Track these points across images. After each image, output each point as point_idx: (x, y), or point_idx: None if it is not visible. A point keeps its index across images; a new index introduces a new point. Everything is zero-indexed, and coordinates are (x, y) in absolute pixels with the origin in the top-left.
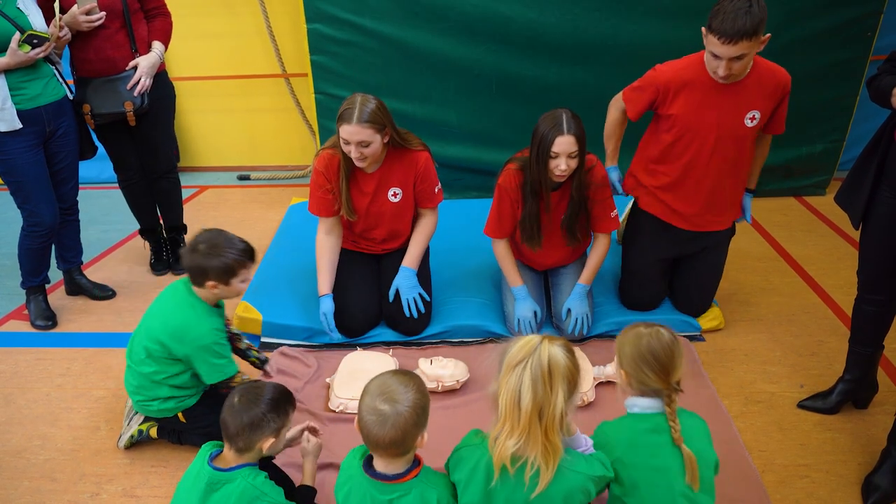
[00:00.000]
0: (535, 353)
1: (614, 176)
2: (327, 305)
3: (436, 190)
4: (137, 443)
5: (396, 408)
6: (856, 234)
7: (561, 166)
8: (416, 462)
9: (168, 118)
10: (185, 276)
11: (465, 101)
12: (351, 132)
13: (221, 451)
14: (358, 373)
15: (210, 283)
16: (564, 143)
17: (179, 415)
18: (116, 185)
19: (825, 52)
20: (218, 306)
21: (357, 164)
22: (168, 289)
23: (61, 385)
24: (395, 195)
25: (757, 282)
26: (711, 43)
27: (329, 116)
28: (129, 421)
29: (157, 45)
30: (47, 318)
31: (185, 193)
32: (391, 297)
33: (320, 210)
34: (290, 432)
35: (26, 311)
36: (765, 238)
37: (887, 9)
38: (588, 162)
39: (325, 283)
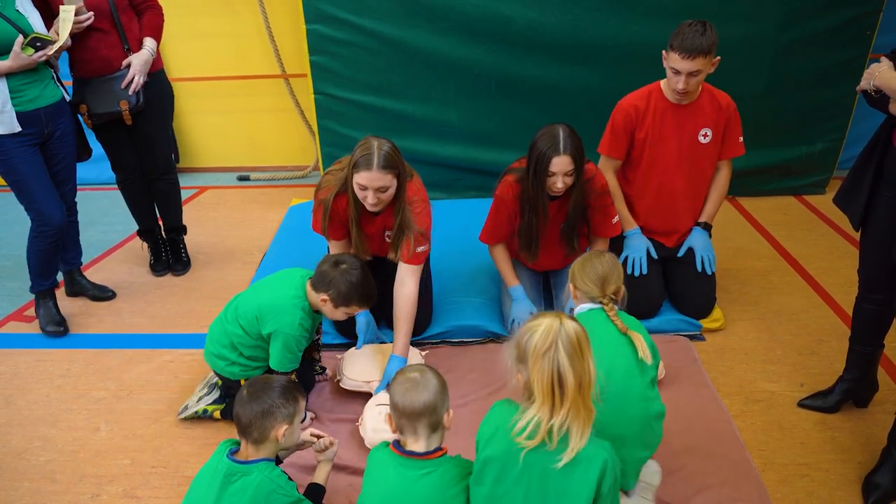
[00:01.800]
0: (560, 334)
1: (642, 244)
2: (362, 319)
3: (419, 249)
4: (138, 444)
5: (425, 376)
6: (856, 234)
7: (558, 184)
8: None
9: (165, 118)
10: (308, 272)
11: (465, 101)
12: (371, 178)
13: (239, 448)
14: (367, 355)
15: (324, 296)
16: (561, 164)
17: (242, 381)
18: (116, 185)
19: (825, 52)
20: (318, 312)
21: (371, 209)
22: (292, 271)
23: (61, 386)
24: (388, 237)
25: (757, 281)
26: (672, 60)
27: (328, 117)
28: (199, 399)
29: (148, 42)
30: (58, 324)
31: (185, 194)
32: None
33: (342, 235)
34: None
35: (34, 315)
36: (765, 237)
37: (886, 7)
38: (588, 172)
39: None
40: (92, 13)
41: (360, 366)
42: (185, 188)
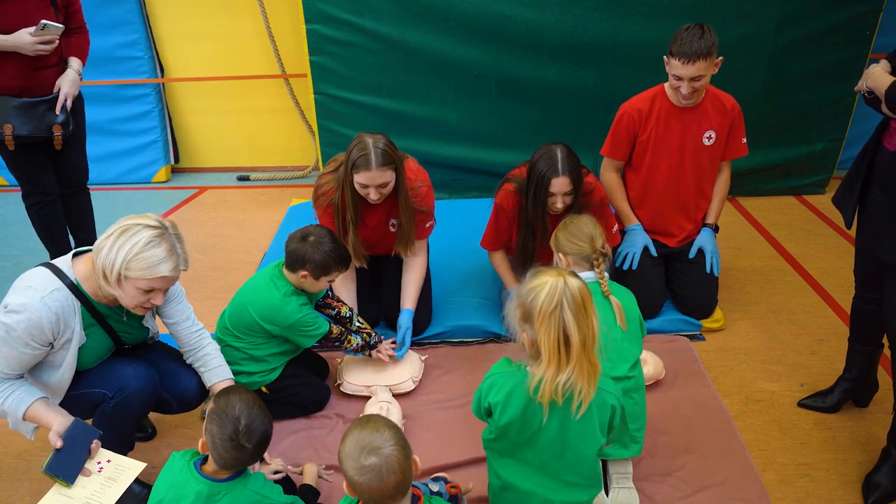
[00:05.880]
0: (565, 293)
1: (640, 240)
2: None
3: (427, 225)
4: (137, 445)
5: (383, 452)
6: (852, 232)
7: (557, 204)
8: (416, 498)
9: (84, 132)
10: (278, 262)
11: (465, 101)
12: (372, 177)
13: (204, 461)
14: (367, 360)
15: (303, 272)
16: (560, 185)
17: (263, 388)
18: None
19: (825, 52)
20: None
21: (374, 203)
22: (263, 271)
23: None
24: (393, 226)
25: (757, 281)
26: (674, 66)
27: (328, 117)
28: None
29: (74, 63)
30: None
31: (186, 194)
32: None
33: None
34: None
35: None
36: (765, 237)
37: (886, 7)
38: (587, 185)
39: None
40: (57, 42)
41: (360, 370)
42: (186, 188)
